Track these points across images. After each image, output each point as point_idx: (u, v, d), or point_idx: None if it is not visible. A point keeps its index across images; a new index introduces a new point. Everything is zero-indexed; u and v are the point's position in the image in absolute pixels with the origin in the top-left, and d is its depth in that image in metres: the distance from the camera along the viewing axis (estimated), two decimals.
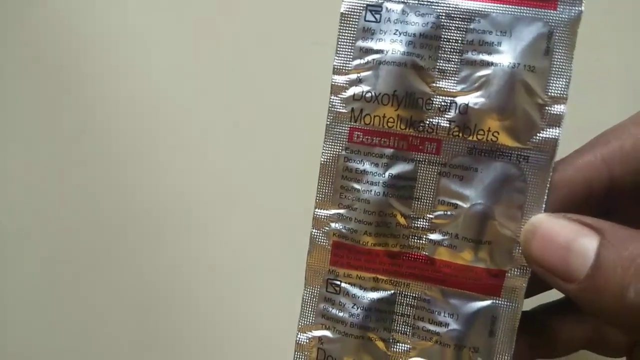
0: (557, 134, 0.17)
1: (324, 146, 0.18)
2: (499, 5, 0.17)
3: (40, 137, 0.32)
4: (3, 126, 0.33)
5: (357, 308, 0.19)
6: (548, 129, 0.17)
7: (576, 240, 0.15)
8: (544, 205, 0.17)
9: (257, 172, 0.29)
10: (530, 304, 0.19)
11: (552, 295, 0.19)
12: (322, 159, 0.18)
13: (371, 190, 0.18)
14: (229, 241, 0.30)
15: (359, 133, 0.18)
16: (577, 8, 0.16)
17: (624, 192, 0.17)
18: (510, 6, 0.16)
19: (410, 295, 0.18)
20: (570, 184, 0.17)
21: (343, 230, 0.18)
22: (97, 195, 0.31)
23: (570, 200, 0.17)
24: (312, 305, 0.19)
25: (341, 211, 0.18)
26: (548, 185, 0.17)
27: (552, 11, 0.16)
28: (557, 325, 0.19)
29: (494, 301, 0.18)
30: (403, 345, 0.19)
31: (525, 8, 0.16)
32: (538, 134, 0.17)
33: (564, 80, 0.16)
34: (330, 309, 0.19)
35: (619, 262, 0.14)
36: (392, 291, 0.18)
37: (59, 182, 0.32)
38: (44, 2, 0.32)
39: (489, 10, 0.17)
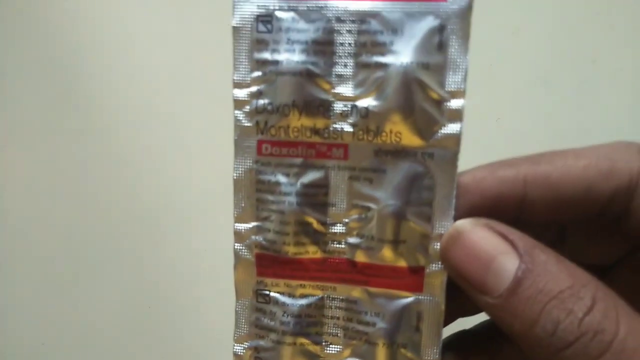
0: (458, 129, 0.16)
1: (235, 161, 0.18)
2: (388, 3, 0.16)
3: (41, 137, 0.33)
4: (4, 126, 0.33)
5: (288, 316, 0.19)
6: (449, 125, 0.16)
7: (496, 258, 0.15)
8: (453, 200, 0.17)
9: None
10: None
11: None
12: (235, 175, 0.18)
13: (284, 201, 0.18)
14: (231, 240, 0.30)
15: (267, 145, 0.18)
16: None
17: (534, 217, 0.17)
18: (400, 3, 0.16)
19: (337, 298, 0.19)
20: (484, 192, 0.17)
21: (264, 242, 0.18)
22: (98, 194, 0.32)
23: (479, 207, 0.17)
24: (245, 316, 0.19)
25: (259, 223, 0.18)
26: (456, 181, 0.17)
27: (442, 3, 0.16)
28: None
29: (417, 297, 0.18)
30: (336, 346, 0.19)
31: (414, 3, 0.16)
32: (440, 131, 0.16)
33: (460, 73, 0.16)
34: (263, 318, 0.19)
35: (534, 294, 0.14)
36: (320, 296, 0.19)
37: (59, 181, 0.33)
38: (44, 3, 0.32)
39: (378, 9, 0.16)
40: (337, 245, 0.18)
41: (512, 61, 0.34)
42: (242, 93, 0.17)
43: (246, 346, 0.19)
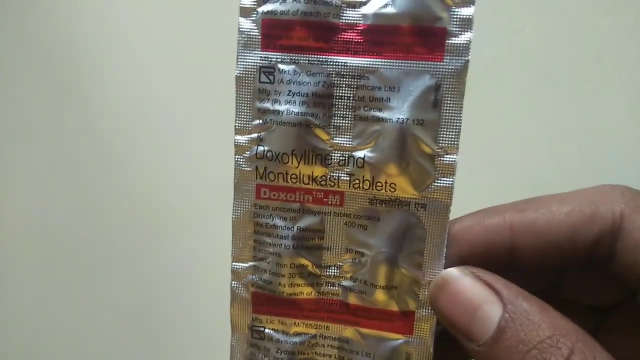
0: (450, 182, 0.17)
1: (234, 203, 0.19)
2: (386, 60, 0.17)
3: (40, 136, 0.33)
4: (4, 126, 0.34)
5: (281, 352, 0.19)
6: (442, 178, 0.17)
7: (481, 306, 0.16)
8: (444, 249, 0.18)
9: None
10: None
11: None
12: (234, 216, 0.19)
13: (281, 244, 0.18)
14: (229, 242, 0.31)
15: (265, 189, 0.18)
16: (463, 58, 0.17)
17: (524, 263, 0.17)
18: (397, 61, 0.17)
19: (330, 337, 0.19)
20: (473, 240, 0.17)
21: (260, 282, 0.19)
22: (96, 194, 0.33)
23: (469, 255, 0.17)
24: (240, 351, 0.20)
25: (256, 263, 0.19)
26: (447, 231, 0.17)
27: (438, 63, 0.17)
28: None
29: (407, 339, 0.19)
30: None
31: (411, 62, 0.17)
32: (433, 184, 0.17)
33: (454, 130, 0.17)
34: (257, 354, 0.20)
35: (515, 343, 0.15)
36: (313, 334, 0.19)
37: (58, 181, 0.33)
38: (44, 3, 0.33)
39: (377, 66, 0.17)
40: (331, 287, 0.19)
41: (515, 60, 0.34)
42: (243, 139, 0.18)
43: None
